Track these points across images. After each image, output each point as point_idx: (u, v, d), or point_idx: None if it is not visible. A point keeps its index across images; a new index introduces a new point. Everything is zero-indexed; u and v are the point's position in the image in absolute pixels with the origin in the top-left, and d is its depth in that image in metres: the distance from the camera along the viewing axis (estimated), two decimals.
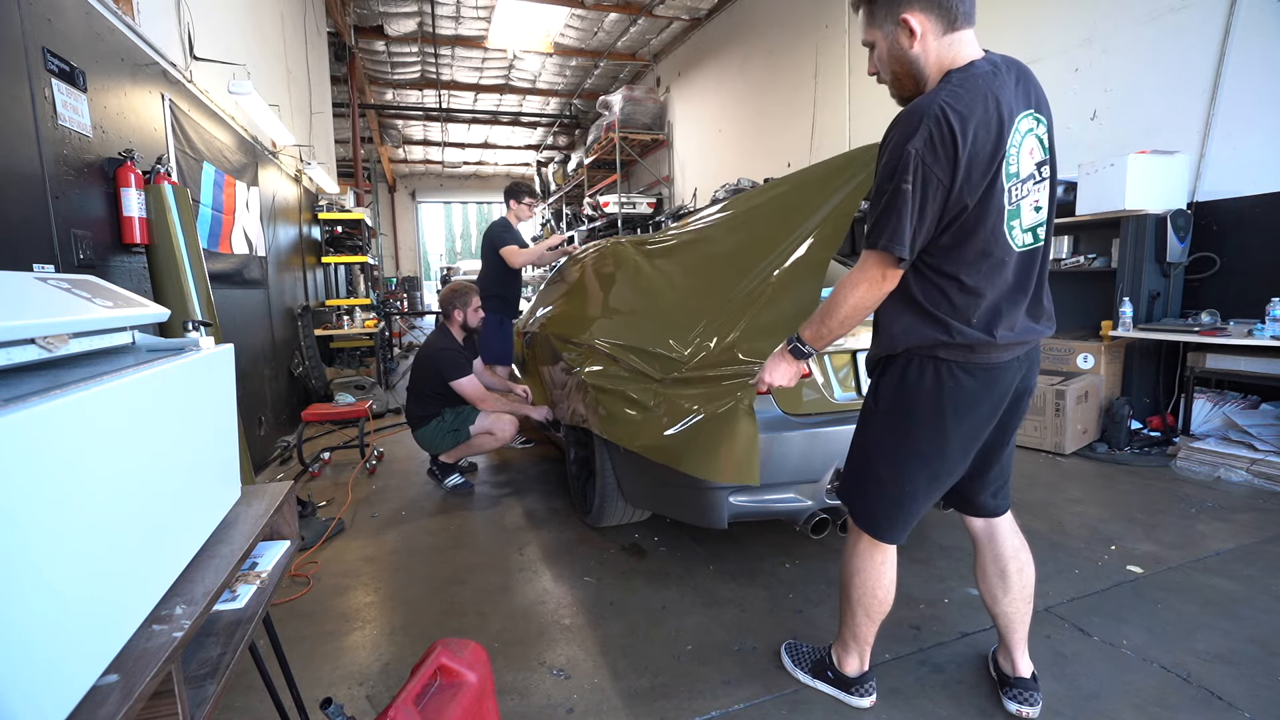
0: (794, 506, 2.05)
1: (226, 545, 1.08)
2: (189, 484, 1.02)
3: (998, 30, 4.80)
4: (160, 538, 0.90)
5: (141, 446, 0.84)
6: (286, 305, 4.91)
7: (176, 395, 0.98)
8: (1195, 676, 1.64)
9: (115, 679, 0.71)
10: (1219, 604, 1.98)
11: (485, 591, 2.22)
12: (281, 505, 1.33)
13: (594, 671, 1.75)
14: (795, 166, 6.97)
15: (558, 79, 11.10)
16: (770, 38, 7.57)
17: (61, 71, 2.04)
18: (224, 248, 3.51)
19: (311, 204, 6.29)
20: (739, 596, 2.13)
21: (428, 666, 1.27)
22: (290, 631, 1.97)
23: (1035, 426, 3.66)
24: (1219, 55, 3.55)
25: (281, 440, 4.15)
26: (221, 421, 1.19)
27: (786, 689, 1.65)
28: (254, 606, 1.14)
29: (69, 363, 0.87)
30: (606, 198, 10.64)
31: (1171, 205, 3.58)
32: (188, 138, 3.09)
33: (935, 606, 2.03)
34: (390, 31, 8.67)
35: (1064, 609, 1.98)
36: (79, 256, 2.07)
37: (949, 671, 1.70)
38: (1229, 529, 2.55)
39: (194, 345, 1.12)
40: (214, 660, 0.98)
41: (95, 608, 0.71)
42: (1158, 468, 3.33)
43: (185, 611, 0.86)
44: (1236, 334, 3.16)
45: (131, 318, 1.04)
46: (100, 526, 0.73)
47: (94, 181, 2.22)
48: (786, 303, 1.93)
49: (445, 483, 3.38)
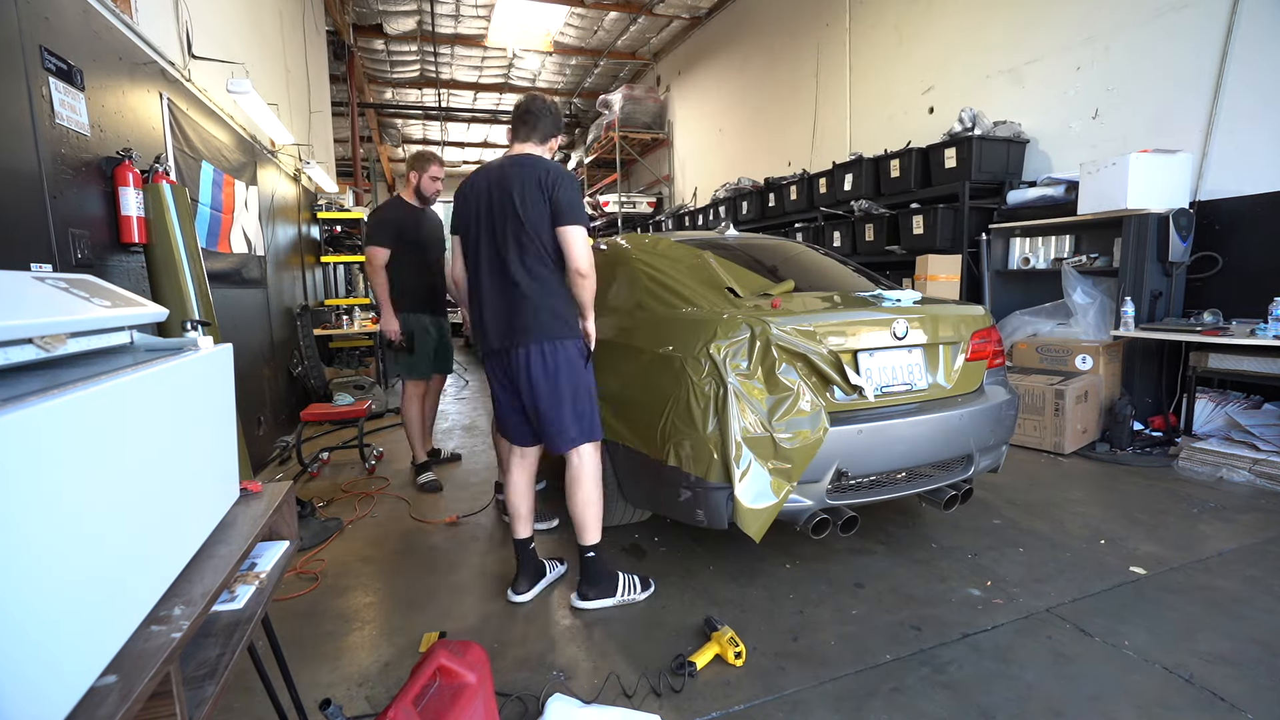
0: (794, 507, 2.04)
1: (225, 546, 1.08)
2: (188, 484, 1.02)
3: (995, 29, 4.80)
4: (159, 538, 0.89)
5: (140, 447, 0.84)
6: (285, 305, 4.91)
7: (175, 395, 0.98)
8: (1197, 677, 1.63)
9: (113, 680, 0.71)
10: (1221, 605, 1.98)
11: (485, 592, 2.21)
12: (280, 505, 1.33)
13: (594, 672, 1.75)
14: (796, 166, 6.97)
15: (557, 78, 11.10)
16: (771, 36, 7.57)
17: (59, 70, 2.04)
18: (223, 247, 3.51)
19: (310, 203, 6.29)
20: (739, 597, 2.12)
21: (427, 667, 1.27)
22: (289, 632, 1.96)
23: (1035, 426, 3.66)
24: (1221, 53, 3.54)
25: (280, 440, 4.14)
26: (220, 421, 1.19)
27: (787, 690, 1.64)
28: (253, 607, 1.14)
29: (67, 362, 0.87)
30: (606, 197, 10.65)
31: (1174, 204, 3.57)
32: (186, 137, 3.08)
33: (936, 606, 2.02)
34: (389, 30, 8.67)
35: (1065, 609, 1.98)
36: (77, 256, 2.06)
37: (950, 672, 1.69)
38: (1231, 529, 2.54)
39: (192, 345, 1.12)
40: (212, 661, 0.98)
41: (93, 608, 0.71)
42: (1159, 468, 3.33)
43: (184, 612, 0.85)
44: (1239, 333, 3.15)
45: (129, 317, 1.03)
46: (98, 527, 0.72)
47: (92, 181, 2.21)
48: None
49: (419, 479, 3.37)
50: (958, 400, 2.30)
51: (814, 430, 1.97)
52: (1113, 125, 4.10)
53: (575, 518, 2.06)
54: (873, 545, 2.48)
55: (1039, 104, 4.55)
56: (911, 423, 2.13)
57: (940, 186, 4.67)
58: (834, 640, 1.86)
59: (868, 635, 1.88)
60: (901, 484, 2.22)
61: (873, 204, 5.19)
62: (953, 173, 4.56)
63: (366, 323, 6.02)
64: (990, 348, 2.45)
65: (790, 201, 6.33)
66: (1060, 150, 4.45)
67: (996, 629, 1.88)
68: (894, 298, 2.37)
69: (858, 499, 2.13)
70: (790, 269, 2.83)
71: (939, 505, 2.32)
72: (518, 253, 1.91)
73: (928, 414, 2.17)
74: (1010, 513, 2.77)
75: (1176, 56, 3.75)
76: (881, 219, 5.08)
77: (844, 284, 2.69)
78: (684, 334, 2.13)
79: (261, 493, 1.35)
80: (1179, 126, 3.75)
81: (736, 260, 2.69)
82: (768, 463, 1.95)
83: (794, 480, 1.96)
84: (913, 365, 2.25)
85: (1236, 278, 3.55)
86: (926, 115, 5.45)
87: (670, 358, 2.12)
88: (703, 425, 1.97)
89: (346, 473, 3.72)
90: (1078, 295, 3.88)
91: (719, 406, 1.96)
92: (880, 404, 2.16)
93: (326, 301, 6.59)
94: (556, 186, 1.89)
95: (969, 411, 2.25)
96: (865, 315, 2.19)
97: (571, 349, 1.97)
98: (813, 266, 2.90)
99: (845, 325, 2.14)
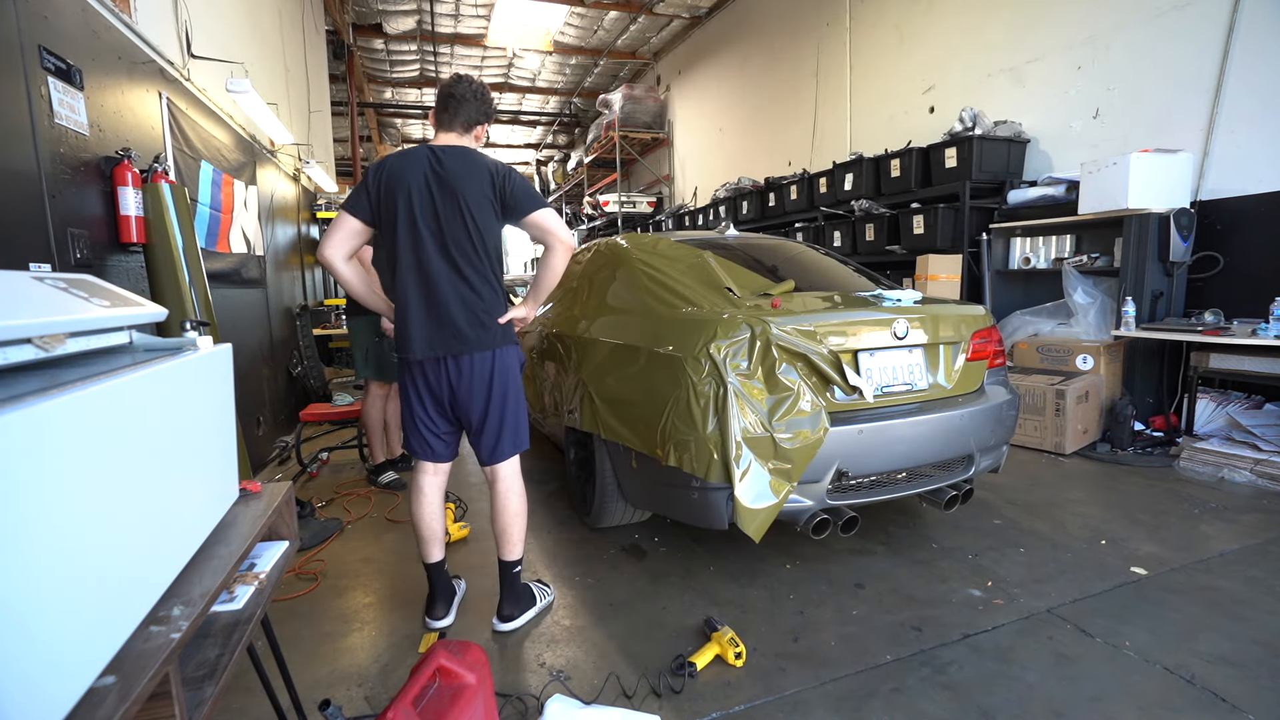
0: (794, 507, 2.04)
1: (225, 546, 1.08)
2: (187, 484, 1.01)
3: (996, 28, 4.79)
4: (158, 538, 0.89)
5: (139, 447, 0.84)
6: (285, 305, 4.90)
7: (174, 395, 0.98)
8: (1199, 678, 1.63)
9: (112, 680, 0.71)
10: (1223, 605, 1.97)
11: (484, 592, 2.20)
12: (280, 505, 1.32)
13: (594, 673, 1.74)
14: (796, 166, 6.97)
15: (557, 77, 11.10)
16: (771, 35, 7.56)
17: (58, 69, 2.03)
18: (222, 247, 3.50)
19: (310, 203, 6.29)
20: (740, 598, 2.12)
21: (427, 668, 1.26)
22: (288, 632, 1.96)
23: (1035, 426, 3.65)
24: (1223, 52, 3.53)
25: (280, 440, 4.14)
26: (220, 421, 1.19)
27: (787, 690, 1.64)
28: (252, 607, 1.13)
29: (66, 362, 0.87)
30: (606, 197, 10.65)
31: (1175, 204, 3.56)
32: (185, 136, 3.08)
33: (937, 607, 2.02)
34: (389, 29, 8.66)
35: (1066, 610, 1.97)
36: (76, 256, 2.06)
37: (951, 673, 1.69)
38: (1233, 530, 2.53)
39: (191, 345, 1.12)
40: (212, 661, 0.98)
41: (92, 609, 0.71)
42: (1161, 468, 3.32)
43: (183, 613, 0.85)
44: (1240, 334, 3.14)
45: (129, 317, 1.03)
46: (97, 527, 0.73)
47: (91, 180, 2.21)
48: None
49: (380, 479, 3.33)
50: (958, 400, 2.30)
51: (814, 430, 1.97)
52: (1114, 125, 4.10)
53: (505, 531, 1.94)
54: (873, 546, 2.47)
55: (1040, 103, 4.54)
56: (912, 423, 2.13)
57: (941, 186, 4.66)
58: (834, 641, 1.85)
59: (868, 636, 1.87)
60: (902, 484, 2.22)
61: (873, 204, 5.18)
62: (953, 172, 4.55)
63: None
64: (991, 348, 2.45)
65: (790, 201, 6.33)
66: (1061, 150, 4.44)
67: (997, 629, 1.88)
68: (894, 298, 2.37)
69: (858, 499, 2.12)
70: (791, 269, 2.82)
71: (939, 505, 2.32)
72: (465, 258, 1.79)
73: (928, 414, 2.16)
74: (1011, 513, 2.77)
75: (1177, 56, 3.74)
76: (882, 219, 5.07)
77: (844, 284, 2.69)
78: (684, 334, 2.13)
79: (261, 493, 1.35)
80: (1180, 126, 3.74)
81: (736, 260, 2.68)
82: (768, 463, 1.95)
83: (794, 480, 1.96)
84: (913, 365, 2.24)
85: (1238, 277, 3.54)
86: (927, 115, 5.44)
87: (670, 357, 2.11)
88: (703, 425, 1.97)
89: (346, 473, 3.71)
90: (1078, 295, 3.87)
91: (719, 406, 1.95)
92: (881, 404, 2.15)
93: (326, 301, 6.58)
94: (507, 183, 1.81)
95: (970, 412, 2.24)
96: (866, 315, 2.18)
97: (514, 356, 1.91)
98: (813, 266, 2.89)
99: (846, 325, 2.13)
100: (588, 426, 2.47)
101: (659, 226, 9.80)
